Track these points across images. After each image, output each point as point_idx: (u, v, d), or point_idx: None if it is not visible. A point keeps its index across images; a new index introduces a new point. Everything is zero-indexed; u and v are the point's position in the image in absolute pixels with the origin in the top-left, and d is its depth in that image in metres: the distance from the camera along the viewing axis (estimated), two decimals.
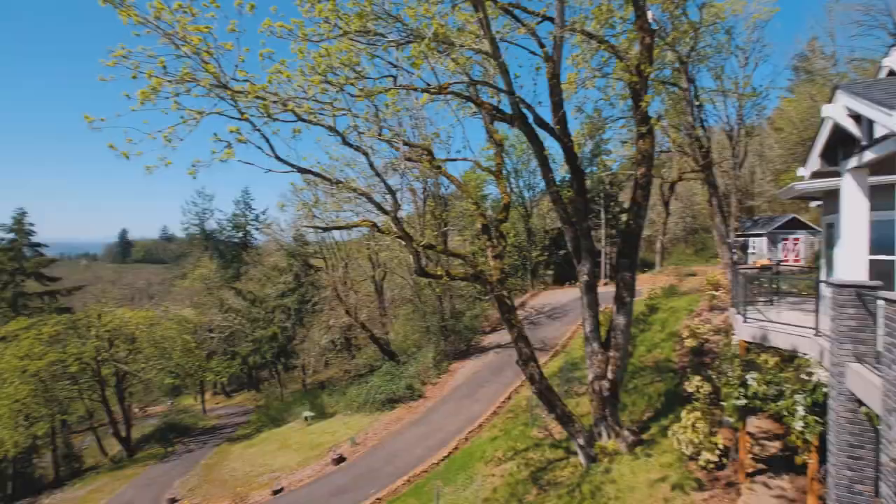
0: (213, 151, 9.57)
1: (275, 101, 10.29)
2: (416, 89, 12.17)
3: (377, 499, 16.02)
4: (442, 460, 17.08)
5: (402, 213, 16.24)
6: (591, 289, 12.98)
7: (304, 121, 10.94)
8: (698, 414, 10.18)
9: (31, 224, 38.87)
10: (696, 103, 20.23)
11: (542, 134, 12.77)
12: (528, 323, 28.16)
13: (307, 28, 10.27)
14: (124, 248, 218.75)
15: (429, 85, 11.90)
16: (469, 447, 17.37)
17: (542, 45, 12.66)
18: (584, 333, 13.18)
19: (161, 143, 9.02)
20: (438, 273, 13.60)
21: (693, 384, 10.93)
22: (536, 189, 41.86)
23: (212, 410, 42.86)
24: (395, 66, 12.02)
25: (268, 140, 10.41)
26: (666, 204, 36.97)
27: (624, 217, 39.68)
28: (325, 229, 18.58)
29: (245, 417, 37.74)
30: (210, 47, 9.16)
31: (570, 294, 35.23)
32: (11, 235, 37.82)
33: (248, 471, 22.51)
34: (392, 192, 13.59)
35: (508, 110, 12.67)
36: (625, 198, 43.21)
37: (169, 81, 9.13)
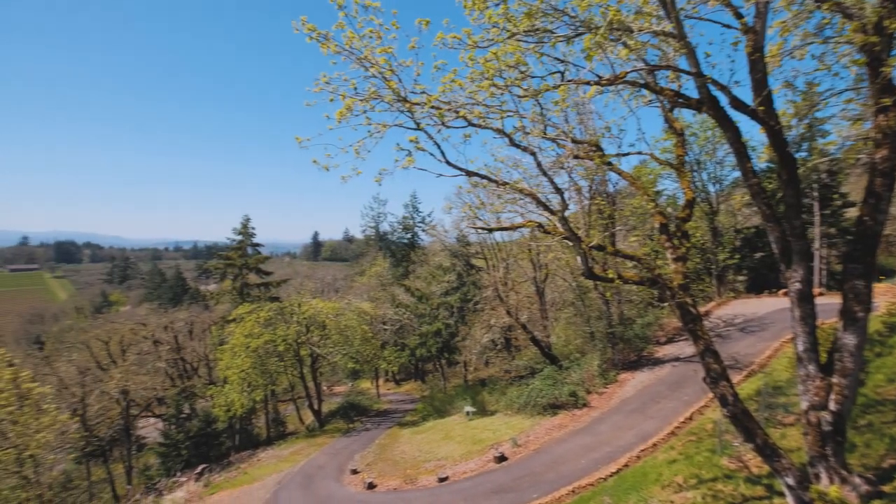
0: (395, 160, 10.39)
1: (448, 109, 10.76)
2: (587, 83, 11.53)
3: None
4: (610, 476, 15.98)
5: (567, 213, 15.66)
6: (805, 299, 10.74)
7: (473, 125, 11.23)
8: None
9: (253, 228, 47.37)
10: None
11: (736, 118, 11.01)
12: (715, 336, 24.81)
13: (476, 35, 10.51)
14: (316, 248, 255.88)
15: (599, 77, 11.19)
16: (641, 466, 15.93)
17: (739, 16, 10.93)
18: (795, 353, 10.97)
19: (352, 155, 10.11)
20: (609, 276, 12.72)
21: None
22: (724, 182, 36.59)
23: (384, 395, 47.34)
24: (563, 62, 11.55)
25: (439, 146, 10.94)
26: None
27: (851, 212, 32.11)
28: (490, 230, 18.86)
29: (412, 405, 40.76)
30: (391, 65, 9.98)
31: (768, 304, 30.12)
32: (239, 237, 46.72)
33: (416, 455, 24.17)
34: (559, 191, 13.16)
35: (694, 94, 11.22)
36: (850, 188, 35.16)
37: (361, 100, 10.19)
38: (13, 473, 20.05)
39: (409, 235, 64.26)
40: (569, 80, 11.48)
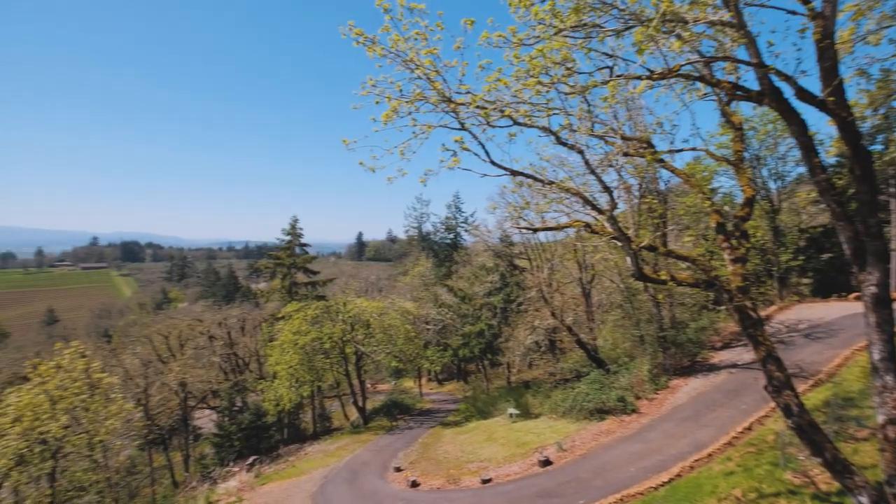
0: (441, 161, 10.41)
1: (493, 108, 10.68)
2: (637, 77, 11.14)
3: None
4: (662, 485, 15.36)
5: (616, 212, 15.19)
6: (882, 304, 9.93)
7: (519, 124, 11.12)
8: None
9: (301, 228, 48.82)
10: None
11: (802, 110, 10.30)
12: (777, 341, 23.38)
13: (521, 33, 10.36)
14: (360, 248, 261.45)
15: (651, 71, 10.77)
16: (696, 477, 15.23)
17: (806, 1, 10.24)
18: (869, 362, 10.16)
19: (397, 156, 10.20)
20: (661, 277, 12.23)
21: None
22: (787, 179, 34.33)
23: (427, 394, 47.64)
24: (611, 56, 11.20)
25: (483, 146, 10.88)
26: None
27: None
28: (535, 230, 18.60)
29: (455, 405, 40.80)
30: (435, 66, 9.99)
31: (836, 309, 28.12)
32: (288, 238, 48.30)
33: (458, 455, 24.15)
34: (608, 189, 12.80)
35: (754, 86, 10.60)
36: None
37: (406, 102, 10.27)
38: (85, 457, 21.56)
39: (451, 236, 64.42)
40: (618, 76, 11.12)
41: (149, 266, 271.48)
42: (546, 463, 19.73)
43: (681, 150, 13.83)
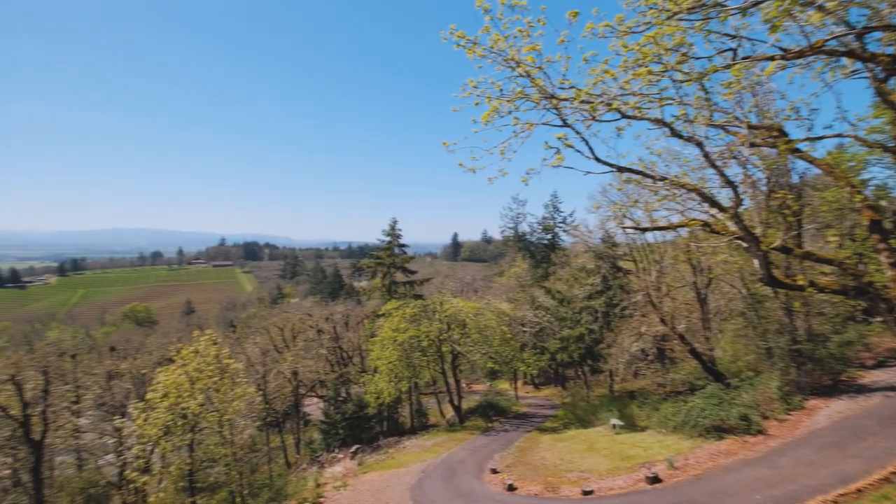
0: (543, 159, 10.05)
1: (600, 102, 10.09)
2: (769, 58, 9.85)
3: None
4: None
5: (740, 209, 13.65)
6: None
7: (627, 117, 10.40)
8: None
9: (400, 230, 50.78)
10: None
11: None
12: None
13: (629, 21, 9.67)
14: (455, 249, 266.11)
15: (784, 49, 9.45)
16: None
17: None
18: None
19: (497, 156, 10.02)
20: (798, 283, 10.71)
21: None
22: None
23: (522, 398, 46.88)
24: (734, 37, 10.04)
25: (587, 142, 10.32)
26: None
27: None
28: (643, 230, 17.36)
29: (552, 411, 39.66)
30: (536, 63, 9.65)
31: None
32: (388, 238, 50.32)
33: (557, 463, 23.35)
34: (732, 184, 11.52)
35: None
36: None
37: (507, 101, 10.06)
38: (216, 433, 24.20)
39: (549, 236, 62.86)
40: (744, 58, 9.95)
41: (266, 264, 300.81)
42: (654, 480, 18.33)
43: (822, 138, 12.03)
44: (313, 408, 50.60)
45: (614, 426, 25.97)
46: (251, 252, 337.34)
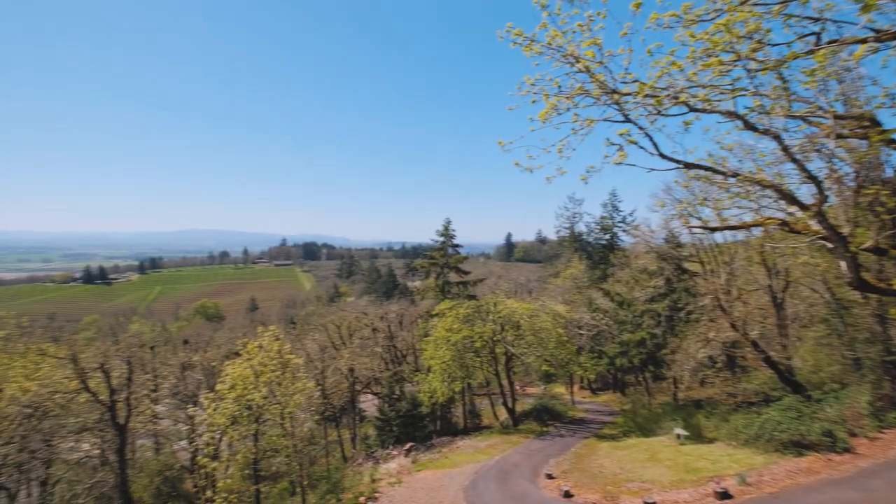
0: (605, 156, 9.69)
1: (666, 96, 9.57)
2: (859, 41, 8.94)
3: None
4: None
5: (825, 207, 12.52)
6: None
7: (696, 110, 9.83)
8: None
9: (453, 230, 50.87)
10: None
11: None
12: None
13: (697, 9, 9.09)
14: (509, 249, 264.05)
15: (877, 31, 8.53)
16: None
17: None
18: None
19: (555, 155, 9.73)
20: (895, 287, 9.68)
21: None
22: None
23: (579, 403, 45.69)
24: (817, 20, 9.19)
25: (651, 138, 9.84)
26: None
27: None
28: (712, 230, 16.32)
29: (610, 417, 38.33)
30: (597, 57, 9.29)
31: None
32: (441, 238, 50.57)
33: (616, 472, 22.48)
34: (816, 180, 10.63)
35: None
36: None
37: (566, 97, 9.75)
38: (278, 424, 25.33)
39: (607, 236, 60.81)
40: (830, 42, 9.09)
41: (324, 264, 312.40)
42: (724, 495, 17.18)
43: None
44: (368, 404, 51.84)
45: (679, 436, 24.66)
46: (310, 252, 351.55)
